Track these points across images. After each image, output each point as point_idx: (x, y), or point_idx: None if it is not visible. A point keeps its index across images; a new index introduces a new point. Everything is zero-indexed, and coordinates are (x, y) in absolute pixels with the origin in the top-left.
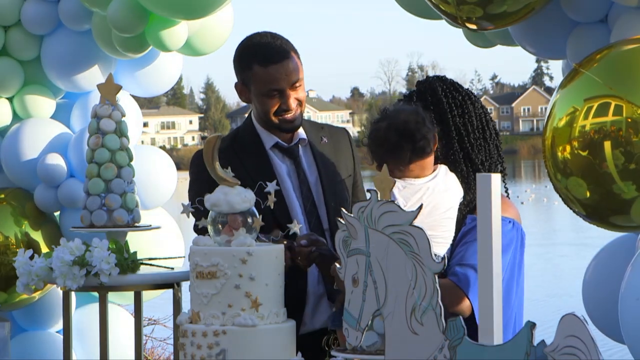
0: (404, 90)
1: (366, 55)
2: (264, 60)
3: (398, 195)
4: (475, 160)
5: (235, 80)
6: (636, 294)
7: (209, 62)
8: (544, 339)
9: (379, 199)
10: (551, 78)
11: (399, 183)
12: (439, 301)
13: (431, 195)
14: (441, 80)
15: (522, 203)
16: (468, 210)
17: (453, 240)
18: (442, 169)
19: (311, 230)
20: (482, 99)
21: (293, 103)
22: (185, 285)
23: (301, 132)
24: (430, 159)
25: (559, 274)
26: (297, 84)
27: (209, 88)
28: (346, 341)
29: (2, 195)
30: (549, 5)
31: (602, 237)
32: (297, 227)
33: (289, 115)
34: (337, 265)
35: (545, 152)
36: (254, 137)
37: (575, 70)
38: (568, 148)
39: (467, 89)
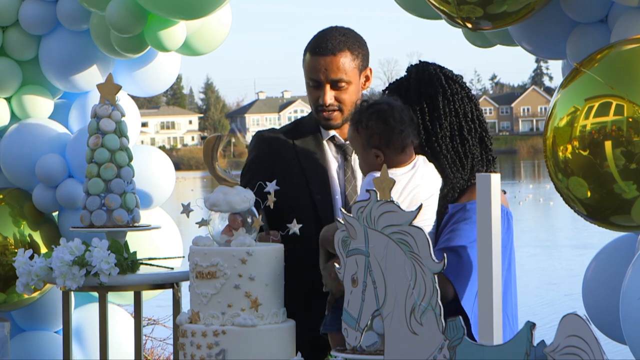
0: None
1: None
2: (313, 50)
3: None
4: (443, 161)
5: None
6: (637, 293)
7: (209, 62)
8: (544, 339)
9: (378, 199)
10: (551, 78)
11: (377, 174)
12: (439, 301)
13: (409, 184)
14: (421, 74)
15: (519, 203)
16: (446, 201)
17: (437, 229)
18: (420, 159)
19: None
20: (481, 99)
21: (329, 99)
22: (185, 285)
23: None
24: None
25: (558, 274)
26: (341, 84)
27: (208, 88)
28: (345, 342)
29: (1, 196)
30: (549, 5)
31: (597, 235)
32: (297, 227)
33: (324, 112)
34: (337, 265)
35: (546, 152)
36: (314, 127)
37: (576, 70)
38: (569, 148)
39: (447, 82)
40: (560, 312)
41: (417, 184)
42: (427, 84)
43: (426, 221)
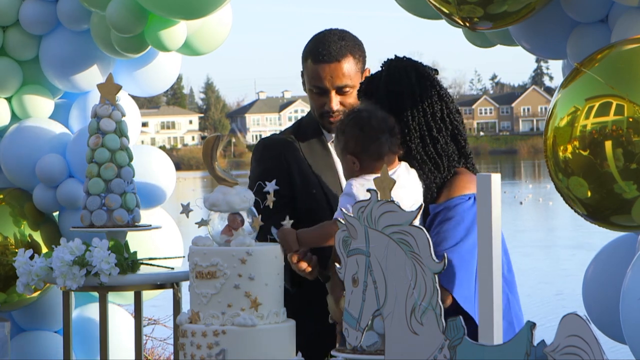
0: None
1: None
2: (316, 57)
3: (357, 192)
4: (414, 162)
5: None
6: (637, 294)
7: (209, 61)
8: (544, 339)
9: (378, 199)
10: (551, 78)
11: (357, 181)
12: (439, 301)
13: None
14: (392, 71)
15: (520, 203)
16: (426, 202)
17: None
18: (403, 167)
19: None
20: (482, 99)
21: (336, 106)
22: (185, 285)
23: None
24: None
25: (563, 274)
26: (346, 89)
27: (208, 88)
28: (346, 342)
29: (1, 196)
30: (549, 5)
31: (597, 235)
32: (289, 222)
33: (331, 118)
34: (337, 265)
35: (547, 152)
36: (317, 130)
37: (576, 70)
38: (569, 148)
39: (418, 80)
40: (552, 311)
41: (399, 190)
42: (395, 82)
43: None
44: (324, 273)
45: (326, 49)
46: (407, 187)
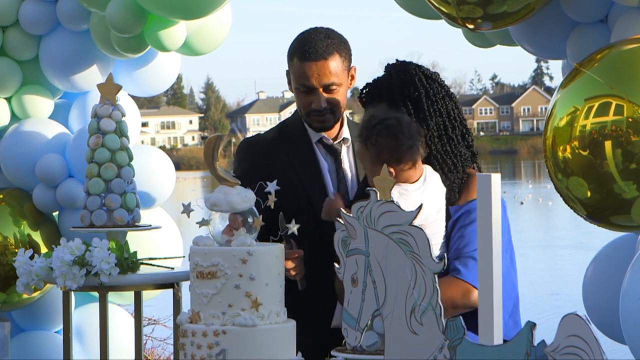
0: None
1: (366, 55)
2: (302, 55)
3: (397, 201)
4: (434, 162)
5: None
6: (637, 294)
7: (209, 61)
8: (544, 339)
9: (378, 198)
10: (551, 78)
11: (395, 191)
12: (439, 301)
13: (421, 198)
14: (402, 75)
15: (521, 203)
16: (448, 204)
17: (445, 235)
18: (428, 171)
19: None
20: (482, 99)
21: (323, 104)
22: (185, 285)
23: (345, 131)
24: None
25: (558, 274)
26: (332, 87)
27: (209, 88)
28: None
29: (1, 196)
30: (549, 5)
31: (596, 235)
32: (295, 227)
33: (318, 116)
34: (336, 266)
35: (546, 152)
36: (301, 130)
37: (576, 70)
38: (569, 148)
39: (428, 82)
40: (549, 311)
41: (429, 199)
42: (409, 85)
43: (436, 234)
44: (303, 281)
45: (312, 47)
46: (435, 193)
